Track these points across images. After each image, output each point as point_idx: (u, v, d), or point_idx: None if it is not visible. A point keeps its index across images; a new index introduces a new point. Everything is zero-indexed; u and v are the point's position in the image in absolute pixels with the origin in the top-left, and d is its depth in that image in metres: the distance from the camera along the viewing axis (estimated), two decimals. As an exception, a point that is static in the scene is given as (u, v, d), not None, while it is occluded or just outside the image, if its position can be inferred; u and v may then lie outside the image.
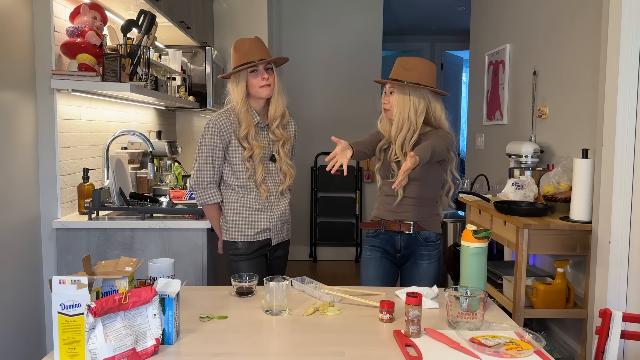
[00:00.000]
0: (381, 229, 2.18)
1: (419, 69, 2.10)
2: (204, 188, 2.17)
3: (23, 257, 2.30)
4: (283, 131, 2.21)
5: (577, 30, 2.91)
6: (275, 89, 2.15)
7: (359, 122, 5.39)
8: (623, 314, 1.66)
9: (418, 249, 2.15)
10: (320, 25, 5.30)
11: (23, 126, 2.28)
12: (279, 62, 2.19)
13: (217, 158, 2.14)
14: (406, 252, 2.18)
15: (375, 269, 2.22)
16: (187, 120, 4.55)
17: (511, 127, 3.77)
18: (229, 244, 2.19)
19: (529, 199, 2.90)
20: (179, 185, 3.42)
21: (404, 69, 2.11)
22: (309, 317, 1.57)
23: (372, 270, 2.22)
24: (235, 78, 2.13)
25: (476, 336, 1.40)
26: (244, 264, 2.16)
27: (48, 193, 2.41)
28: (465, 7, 5.66)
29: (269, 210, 2.18)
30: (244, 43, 2.12)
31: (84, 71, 2.34)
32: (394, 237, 2.17)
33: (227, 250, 2.21)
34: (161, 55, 3.59)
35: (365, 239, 2.26)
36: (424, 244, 2.14)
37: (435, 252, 2.16)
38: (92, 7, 2.44)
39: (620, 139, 2.31)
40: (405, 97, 2.09)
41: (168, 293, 1.36)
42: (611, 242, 2.35)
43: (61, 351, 1.21)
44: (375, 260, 2.21)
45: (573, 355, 2.79)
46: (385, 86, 2.18)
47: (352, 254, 5.51)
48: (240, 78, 2.12)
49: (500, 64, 3.94)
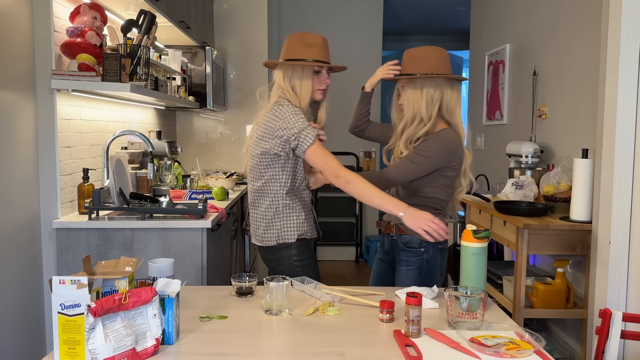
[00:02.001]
0: (381, 229, 2.19)
1: (429, 57, 1.97)
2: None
3: (23, 257, 2.30)
4: None
5: (577, 30, 2.91)
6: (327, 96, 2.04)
7: (359, 122, 5.39)
8: (623, 314, 1.66)
9: (398, 253, 2.06)
10: (320, 25, 5.30)
11: (23, 126, 2.28)
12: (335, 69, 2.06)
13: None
14: (392, 256, 2.12)
15: (373, 270, 2.25)
16: (187, 120, 4.55)
17: (511, 127, 3.77)
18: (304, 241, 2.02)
19: (529, 199, 2.90)
20: (179, 185, 3.42)
21: (414, 60, 1.99)
22: (309, 317, 1.57)
23: (373, 270, 2.26)
24: (298, 72, 1.94)
25: (476, 336, 1.40)
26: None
27: (48, 193, 2.41)
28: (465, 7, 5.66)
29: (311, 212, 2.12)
30: (315, 39, 1.95)
31: (84, 71, 2.34)
32: (384, 238, 2.17)
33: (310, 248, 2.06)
34: (161, 55, 3.59)
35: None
36: (404, 248, 2.04)
37: (415, 260, 2.02)
38: (92, 7, 2.44)
39: (620, 139, 2.31)
40: (417, 91, 1.96)
41: (168, 293, 1.36)
42: (611, 242, 2.35)
43: (61, 351, 1.21)
44: (376, 261, 2.25)
45: (573, 355, 2.79)
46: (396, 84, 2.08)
47: (352, 254, 5.51)
48: (305, 73, 1.94)
49: (500, 64, 3.94)
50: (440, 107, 1.99)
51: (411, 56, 2.01)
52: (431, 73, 1.95)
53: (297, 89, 1.95)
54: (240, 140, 4.58)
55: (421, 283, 1.99)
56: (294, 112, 1.88)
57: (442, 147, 1.96)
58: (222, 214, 2.71)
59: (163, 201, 2.55)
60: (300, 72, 1.94)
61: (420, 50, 2.02)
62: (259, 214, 2.02)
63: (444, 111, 2.00)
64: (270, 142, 1.90)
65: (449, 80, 1.99)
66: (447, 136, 1.98)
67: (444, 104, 1.99)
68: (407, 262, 2.03)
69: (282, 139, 1.88)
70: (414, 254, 2.02)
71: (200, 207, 2.49)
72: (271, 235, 1.99)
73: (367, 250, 5.38)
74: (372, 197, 1.82)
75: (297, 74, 1.94)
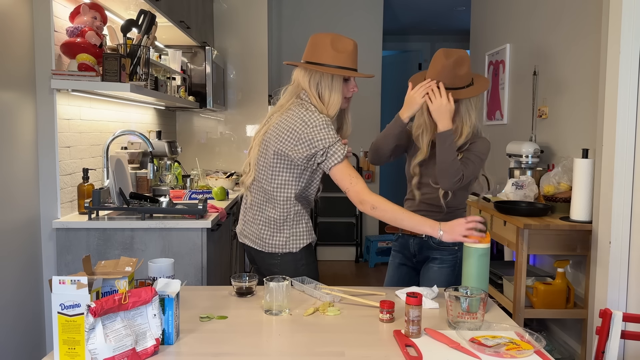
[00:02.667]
0: (399, 233, 2.17)
1: (467, 70, 1.97)
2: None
3: (23, 257, 2.30)
4: None
5: (577, 30, 2.91)
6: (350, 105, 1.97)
7: (359, 122, 5.38)
8: (623, 314, 1.66)
9: (431, 253, 2.08)
10: (320, 25, 5.30)
11: (23, 126, 2.28)
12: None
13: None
14: (421, 257, 2.12)
15: (392, 274, 2.21)
16: (187, 120, 4.55)
17: (511, 127, 3.77)
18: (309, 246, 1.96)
19: (529, 199, 2.90)
20: (179, 185, 3.42)
21: (457, 77, 1.95)
22: (309, 317, 1.57)
23: (389, 274, 2.21)
24: (327, 80, 1.83)
25: (476, 336, 1.39)
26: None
27: (48, 193, 2.41)
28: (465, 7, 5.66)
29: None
30: (347, 44, 1.84)
31: (83, 71, 2.33)
32: (408, 240, 2.14)
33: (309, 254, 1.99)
34: (161, 55, 3.59)
35: (392, 243, 2.25)
36: (437, 247, 2.06)
37: (450, 257, 2.05)
38: (92, 7, 2.44)
39: (620, 139, 2.31)
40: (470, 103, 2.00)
41: (168, 293, 1.36)
42: (611, 242, 2.35)
43: (61, 351, 1.21)
44: (393, 265, 2.21)
45: (573, 355, 2.79)
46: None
47: (352, 254, 5.51)
48: (335, 81, 1.83)
49: (500, 64, 3.94)
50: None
51: (456, 71, 1.94)
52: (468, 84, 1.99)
53: (324, 98, 1.84)
54: (240, 141, 4.58)
55: (453, 281, 2.02)
56: (325, 123, 1.76)
57: (488, 149, 2.05)
58: (222, 214, 2.71)
59: (163, 201, 2.55)
60: (329, 81, 1.83)
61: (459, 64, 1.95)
62: (264, 218, 1.90)
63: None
64: (293, 147, 1.78)
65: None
66: (487, 139, 2.07)
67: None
68: (440, 260, 2.06)
69: (310, 151, 1.76)
70: (449, 252, 2.05)
71: (200, 207, 2.49)
72: (277, 242, 1.90)
73: (367, 250, 5.38)
74: (402, 221, 1.76)
75: (326, 82, 1.83)
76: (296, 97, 1.86)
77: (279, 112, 1.87)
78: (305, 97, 1.85)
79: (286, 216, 1.88)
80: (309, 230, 1.94)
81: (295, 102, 1.84)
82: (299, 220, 1.90)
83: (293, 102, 1.84)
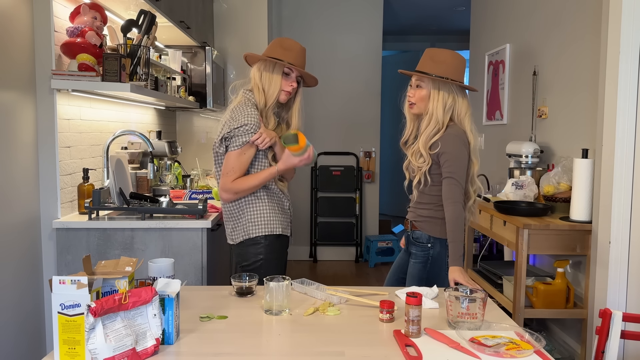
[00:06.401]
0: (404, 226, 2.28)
1: (448, 62, 2.02)
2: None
3: (23, 257, 2.30)
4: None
5: (577, 30, 2.91)
6: (299, 103, 2.14)
7: (359, 122, 5.39)
8: (623, 314, 1.66)
9: (411, 247, 2.16)
10: (320, 25, 5.30)
11: (23, 126, 2.28)
12: (310, 82, 2.18)
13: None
14: (408, 250, 2.21)
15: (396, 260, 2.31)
16: (187, 120, 4.55)
17: (511, 127, 3.77)
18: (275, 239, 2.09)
19: (529, 199, 2.90)
20: (179, 185, 3.42)
21: (433, 61, 2.03)
22: (309, 317, 1.57)
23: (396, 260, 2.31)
24: (269, 67, 2.05)
25: (476, 336, 1.40)
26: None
27: (48, 193, 2.41)
28: (465, 7, 5.66)
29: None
30: (294, 45, 2.08)
31: (84, 71, 2.34)
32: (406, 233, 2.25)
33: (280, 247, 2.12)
34: (161, 55, 3.59)
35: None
36: (414, 243, 2.13)
37: (422, 254, 2.10)
38: (92, 7, 2.44)
39: (620, 139, 2.31)
40: (435, 91, 2.02)
41: (168, 293, 1.36)
42: (611, 242, 2.36)
43: (61, 351, 1.21)
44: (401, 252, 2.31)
45: (573, 355, 2.79)
46: (411, 79, 2.09)
47: (352, 254, 5.51)
48: (275, 70, 2.05)
49: (500, 64, 3.94)
50: (452, 114, 2.04)
51: (432, 56, 2.05)
52: (446, 77, 2.00)
53: (265, 84, 2.05)
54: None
55: (424, 276, 2.09)
56: (246, 114, 2.00)
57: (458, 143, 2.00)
58: (222, 214, 2.71)
59: (163, 201, 2.55)
60: (271, 68, 2.05)
61: (441, 53, 2.06)
62: (226, 212, 2.12)
63: (455, 119, 2.05)
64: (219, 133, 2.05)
65: (460, 89, 2.05)
66: (452, 132, 2.02)
67: (455, 112, 2.04)
68: (415, 255, 2.13)
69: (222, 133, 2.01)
70: (422, 249, 2.11)
71: (200, 207, 2.49)
72: (239, 233, 2.08)
73: (367, 250, 5.38)
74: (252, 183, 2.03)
75: (268, 68, 2.05)
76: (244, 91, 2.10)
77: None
78: (249, 95, 2.08)
79: (239, 205, 2.07)
80: (267, 219, 2.05)
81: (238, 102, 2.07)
82: (253, 207, 2.06)
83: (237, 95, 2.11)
